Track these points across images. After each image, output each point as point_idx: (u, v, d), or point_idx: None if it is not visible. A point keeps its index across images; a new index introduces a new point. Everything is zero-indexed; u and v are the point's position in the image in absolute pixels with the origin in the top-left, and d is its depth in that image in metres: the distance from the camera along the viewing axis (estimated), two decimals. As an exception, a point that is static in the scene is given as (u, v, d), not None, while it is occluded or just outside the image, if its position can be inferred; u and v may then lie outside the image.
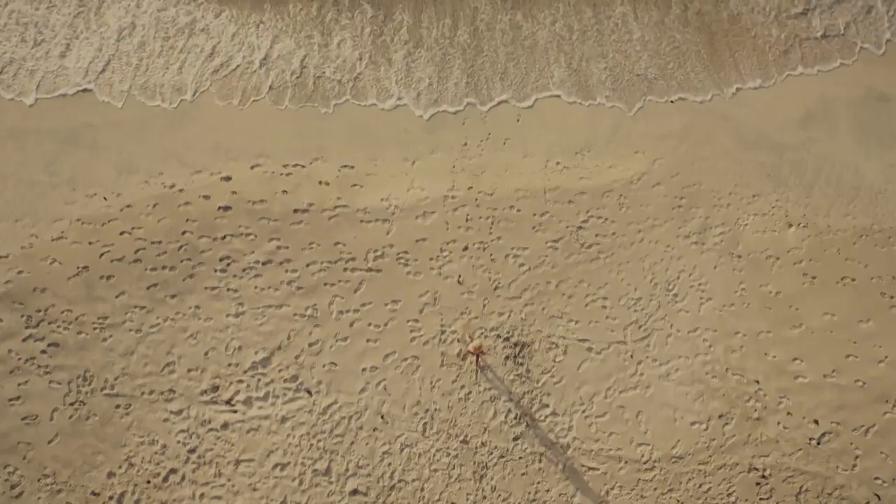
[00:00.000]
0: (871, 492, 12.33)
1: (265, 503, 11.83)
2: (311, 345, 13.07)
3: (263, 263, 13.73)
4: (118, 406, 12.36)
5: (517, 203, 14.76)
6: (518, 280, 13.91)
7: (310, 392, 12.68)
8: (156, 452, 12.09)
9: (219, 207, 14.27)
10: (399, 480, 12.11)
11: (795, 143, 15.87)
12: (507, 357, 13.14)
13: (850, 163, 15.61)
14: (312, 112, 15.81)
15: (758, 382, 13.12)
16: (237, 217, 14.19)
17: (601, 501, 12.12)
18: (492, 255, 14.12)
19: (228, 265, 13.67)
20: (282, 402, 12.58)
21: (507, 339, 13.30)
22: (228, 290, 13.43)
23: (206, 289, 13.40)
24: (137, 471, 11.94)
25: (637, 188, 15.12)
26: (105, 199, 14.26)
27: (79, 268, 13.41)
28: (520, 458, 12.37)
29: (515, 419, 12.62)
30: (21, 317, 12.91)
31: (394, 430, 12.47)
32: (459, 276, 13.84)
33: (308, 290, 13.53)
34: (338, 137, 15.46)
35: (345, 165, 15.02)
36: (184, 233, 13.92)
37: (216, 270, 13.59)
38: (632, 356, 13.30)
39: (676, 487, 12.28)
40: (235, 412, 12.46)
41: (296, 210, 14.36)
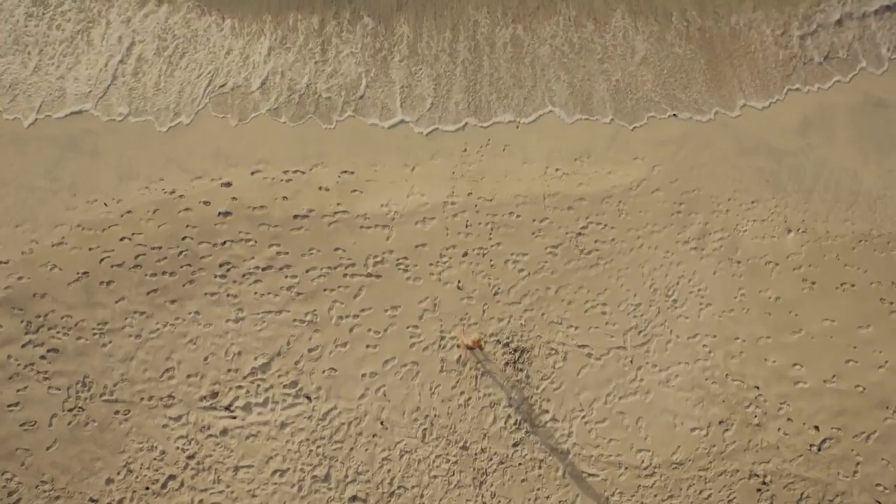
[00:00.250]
0: (873, 499, 12.29)
1: (264, 510, 11.80)
2: (311, 350, 13.06)
3: (263, 269, 13.75)
4: (117, 412, 12.34)
5: (517, 209, 14.79)
6: (518, 286, 13.92)
7: (309, 398, 12.66)
8: (154, 458, 12.06)
9: (219, 213, 14.30)
10: (398, 487, 12.07)
11: (794, 149, 15.93)
12: (507, 363, 13.13)
13: (849, 168, 15.66)
14: (313, 124, 15.81)
15: (758, 388, 13.11)
16: (237, 223, 14.22)
17: (601, 508, 12.09)
18: (491, 261, 14.14)
19: (228, 271, 13.68)
20: (281, 408, 12.56)
21: (507, 345, 13.29)
22: (228, 296, 13.44)
23: (206, 294, 13.41)
24: (136, 477, 11.91)
25: (636, 194, 15.16)
26: (105, 205, 14.30)
27: (79, 273, 13.43)
28: (519, 465, 12.34)
29: (515, 425, 12.60)
30: (20, 322, 12.91)
31: (393, 436, 12.44)
32: (459, 282, 13.86)
33: (308, 296, 13.54)
34: (338, 143, 15.51)
35: (345, 171, 15.07)
36: (184, 238, 13.94)
37: (216, 276, 13.61)
38: (631, 362, 13.29)
39: (677, 494, 12.24)
40: (235, 418, 12.44)
41: (296, 216, 14.39)
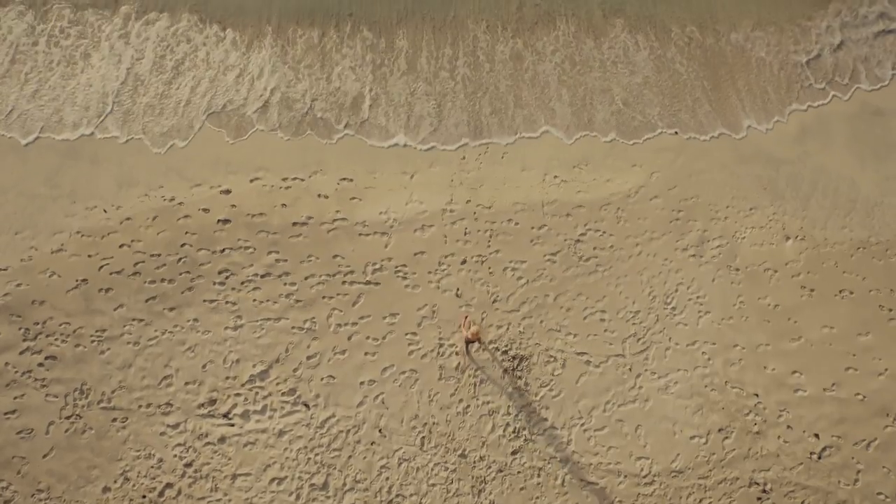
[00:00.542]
0: (873, 507, 12.25)
1: (261, 518, 11.74)
2: (310, 358, 13.04)
3: (262, 276, 13.75)
4: (115, 419, 12.30)
5: (515, 216, 14.81)
6: (516, 293, 13.91)
7: (307, 405, 12.62)
8: (152, 466, 12.01)
9: (218, 220, 14.32)
10: (397, 495, 12.01)
11: (791, 157, 15.98)
12: (506, 370, 13.10)
13: (846, 175, 15.71)
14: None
15: (757, 396, 13.08)
16: (236, 230, 14.23)
17: (601, 516, 12.03)
18: (490, 269, 14.15)
19: (227, 278, 13.68)
20: (279, 416, 12.52)
21: (506, 353, 13.27)
22: (227, 303, 13.43)
23: (205, 302, 13.40)
24: (133, 485, 11.85)
25: (635, 201, 15.19)
26: (105, 212, 14.32)
27: (78, 280, 13.43)
28: (518, 473, 12.28)
29: (514, 433, 12.56)
30: (19, 329, 12.90)
31: (392, 444, 12.39)
32: (458, 290, 13.85)
33: (306, 303, 13.54)
34: (337, 151, 15.57)
35: (344, 178, 15.11)
36: (183, 245, 13.95)
37: (215, 283, 13.61)
38: (630, 369, 13.26)
39: (676, 502, 12.17)
40: (233, 426, 12.40)
41: (294, 223, 14.41)
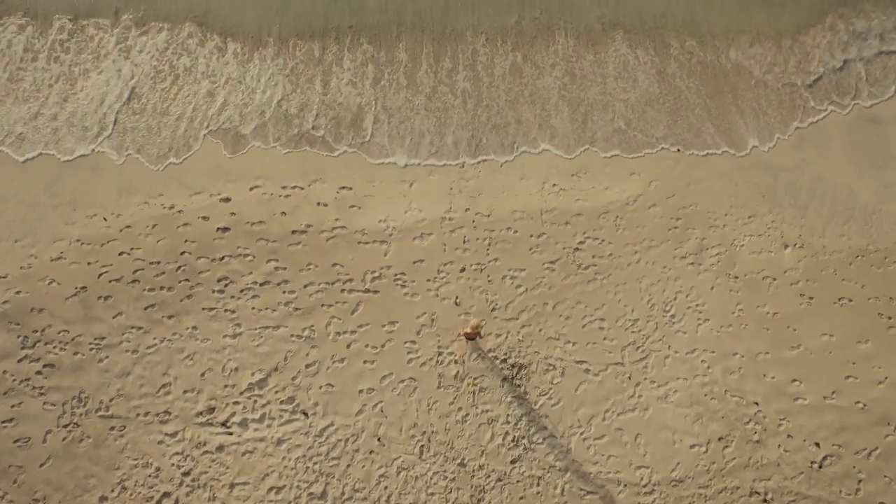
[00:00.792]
0: (875, 516, 12.16)
1: (259, 528, 11.66)
2: (308, 366, 13.01)
3: (261, 284, 13.76)
4: (112, 428, 12.26)
5: (514, 225, 14.85)
6: (515, 301, 13.91)
7: (306, 414, 12.58)
8: (149, 475, 11.94)
9: (217, 228, 14.35)
10: (395, 504, 11.95)
11: (789, 165, 16.04)
12: (505, 379, 13.07)
13: (844, 184, 15.76)
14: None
15: (757, 404, 13.03)
16: (236, 238, 14.26)
17: (600, 526, 11.95)
18: (489, 277, 14.16)
19: (226, 286, 13.69)
20: (278, 424, 12.47)
21: (505, 361, 13.24)
22: (226, 311, 13.43)
23: (204, 309, 13.40)
24: (130, 494, 11.78)
25: (633, 209, 15.22)
26: (105, 220, 14.36)
27: (77, 288, 13.43)
28: (518, 482, 12.22)
29: (513, 441, 12.50)
30: (17, 337, 12.89)
31: (390, 453, 12.34)
32: (457, 298, 13.85)
33: (305, 312, 13.53)
34: (336, 159, 15.63)
35: (343, 187, 15.16)
36: (182, 253, 13.98)
37: (214, 291, 13.61)
38: (630, 378, 13.23)
39: (677, 512, 12.11)
40: (231, 434, 12.35)
41: (294, 231, 14.44)
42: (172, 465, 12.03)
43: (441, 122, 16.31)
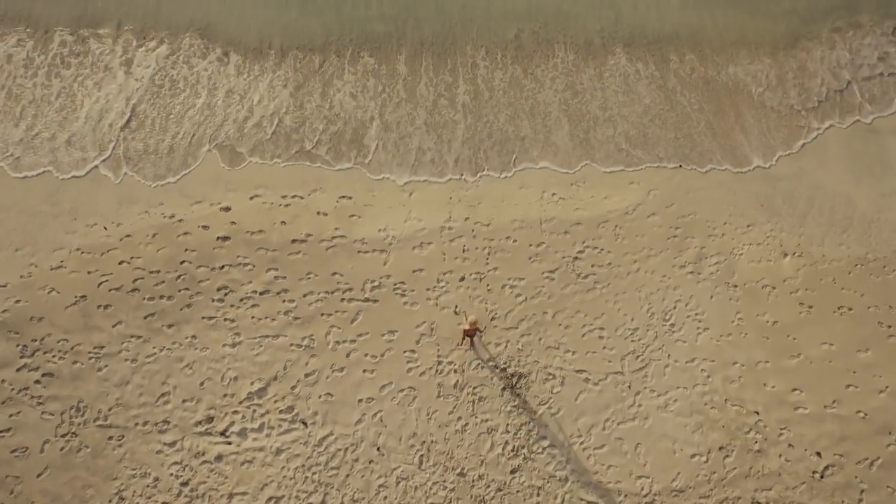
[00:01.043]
0: (877, 527, 12.07)
1: (257, 539, 11.58)
2: (308, 375, 12.99)
3: (261, 293, 13.76)
4: (111, 437, 12.21)
5: (513, 234, 14.88)
6: (514, 310, 13.91)
7: (305, 423, 12.53)
8: (147, 486, 11.88)
9: (217, 238, 14.39)
10: (394, 515, 11.88)
11: (787, 174, 16.12)
12: (505, 388, 13.03)
13: (842, 193, 15.82)
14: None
15: (757, 413, 12.99)
16: (235, 247, 14.29)
17: (601, 537, 11.86)
18: (488, 286, 14.16)
19: (226, 295, 13.70)
20: (277, 434, 12.42)
21: (504, 370, 13.22)
22: (225, 320, 13.43)
23: (204, 318, 13.40)
24: (128, 505, 11.73)
25: (632, 219, 15.27)
26: (105, 229, 14.40)
27: (77, 297, 13.44)
28: (517, 492, 12.14)
29: (513, 451, 12.45)
30: (16, 346, 12.87)
31: (390, 463, 12.28)
32: (456, 307, 13.85)
33: (305, 321, 13.53)
34: (336, 170, 15.69)
35: (343, 196, 15.21)
36: (182, 262, 14.00)
37: (213, 300, 13.61)
38: (629, 387, 13.20)
39: (678, 522, 12.03)
40: (230, 444, 12.29)
41: (294, 240, 14.47)
42: (171, 476, 11.97)
43: (441, 139, 16.28)
